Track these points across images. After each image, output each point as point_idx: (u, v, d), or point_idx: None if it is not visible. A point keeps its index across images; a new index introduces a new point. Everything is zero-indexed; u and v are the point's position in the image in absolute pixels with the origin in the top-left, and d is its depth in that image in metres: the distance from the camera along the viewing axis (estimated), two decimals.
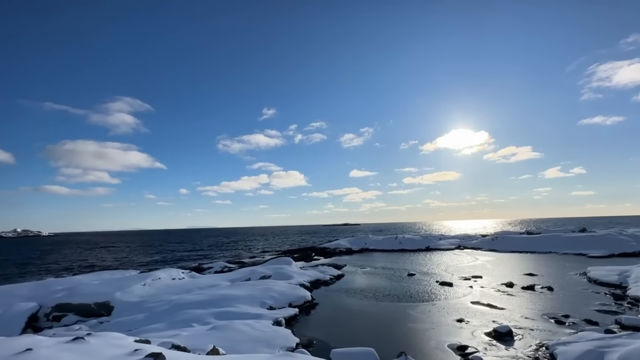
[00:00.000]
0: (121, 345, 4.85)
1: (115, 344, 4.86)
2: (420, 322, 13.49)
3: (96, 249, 75.09)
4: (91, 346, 4.54)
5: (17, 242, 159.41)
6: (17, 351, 3.96)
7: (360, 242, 51.22)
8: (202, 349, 8.98)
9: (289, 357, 5.84)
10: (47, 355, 3.92)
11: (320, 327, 13.59)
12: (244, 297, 16.22)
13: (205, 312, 14.34)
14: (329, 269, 27.12)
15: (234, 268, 29.48)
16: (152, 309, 15.65)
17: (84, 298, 16.94)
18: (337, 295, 19.47)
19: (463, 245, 47.82)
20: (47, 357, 3.86)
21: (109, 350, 4.42)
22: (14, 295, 18.18)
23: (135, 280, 19.74)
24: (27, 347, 4.06)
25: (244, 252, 54.09)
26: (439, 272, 26.45)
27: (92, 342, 4.75)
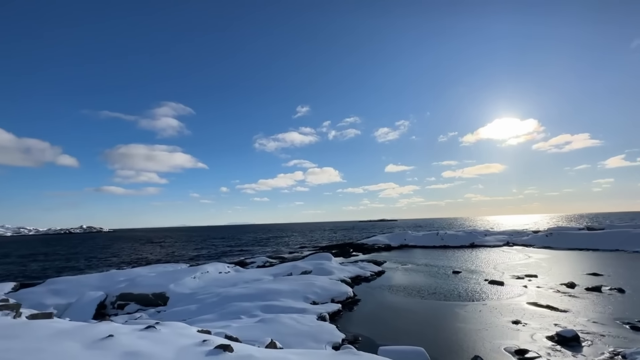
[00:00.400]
0: (187, 334, 5.16)
1: (182, 334, 5.18)
2: (471, 322, 12.80)
3: (149, 244, 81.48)
4: (162, 335, 4.88)
5: (83, 237, 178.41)
6: (101, 337, 4.36)
7: (399, 238, 50.01)
8: (251, 341, 9.28)
9: (352, 354, 5.77)
10: (126, 341, 4.28)
11: (364, 323, 13.45)
12: (287, 291, 16.56)
13: (252, 305, 14.85)
14: (369, 265, 26.80)
15: (275, 263, 30.27)
16: (202, 300, 16.57)
17: (143, 289, 18.40)
18: (379, 292, 19.15)
19: (512, 242, 44.65)
20: (127, 343, 4.21)
21: (180, 339, 4.71)
22: (85, 285, 20.26)
23: (186, 273, 21.03)
24: (109, 334, 4.47)
25: (282, 248, 55.43)
26: (487, 270, 24.95)
27: (162, 331, 5.11)
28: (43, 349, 3.66)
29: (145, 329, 5.12)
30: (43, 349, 3.66)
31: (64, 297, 18.15)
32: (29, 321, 5.12)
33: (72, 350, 3.78)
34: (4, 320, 5.14)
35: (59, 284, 20.27)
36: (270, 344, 7.28)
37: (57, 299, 17.83)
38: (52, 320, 5.58)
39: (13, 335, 4.19)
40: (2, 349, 3.60)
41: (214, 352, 4.44)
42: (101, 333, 4.56)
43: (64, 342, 4.04)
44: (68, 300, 17.82)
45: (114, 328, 5.03)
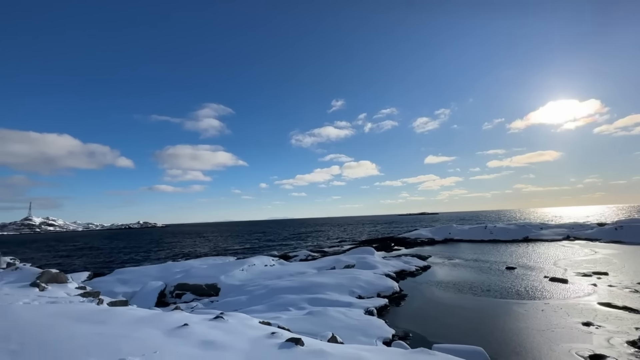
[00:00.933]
0: (252, 325, 5.37)
1: (248, 324, 5.39)
2: (533, 322, 11.84)
3: (197, 238, 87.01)
4: (231, 325, 5.13)
5: (141, 232, 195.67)
6: (177, 325, 4.69)
7: (443, 231, 47.93)
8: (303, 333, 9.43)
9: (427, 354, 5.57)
10: (200, 330, 4.54)
11: (413, 319, 13.07)
12: (332, 285, 16.63)
13: (298, 297, 15.13)
14: (414, 260, 26.01)
15: (317, 256, 30.63)
16: (251, 292, 17.24)
17: (197, 280, 19.63)
18: (427, 287, 18.50)
19: (573, 236, 40.62)
20: (201, 332, 4.47)
21: (248, 330, 4.91)
22: (146, 275, 22.12)
23: (234, 265, 22.05)
24: (184, 322, 4.79)
25: (322, 242, 55.95)
26: (546, 267, 22.96)
27: (230, 322, 5.37)
28: (129, 335, 4.01)
29: (214, 319, 5.41)
30: (129, 335, 4.01)
31: (129, 286, 19.96)
32: (111, 308, 5.68)
33: (154, 337, 4.09)
34: (90, 306, 5.76)
35: (125, 274, 22.36)
36: (331, 339, 7.31)
37: (124, 288, 19.68)
38: (129, 308, 6.13)
39: (101, 320, 4.66)
40: (96, 333, 4.01)
41: (286, 345, 4.53)
42: (176, 321, 4.89)
43: (145, 328, 4.39)
44: (133, 289, 19.57)
45: (187, 317, 5.37)
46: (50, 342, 3.60)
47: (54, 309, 5.06)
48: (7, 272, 8.03)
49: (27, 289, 7.07)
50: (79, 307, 5.34)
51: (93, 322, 4.44)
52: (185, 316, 5.39)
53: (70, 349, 3.49)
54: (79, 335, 3.84)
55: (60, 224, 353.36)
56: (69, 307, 5.35)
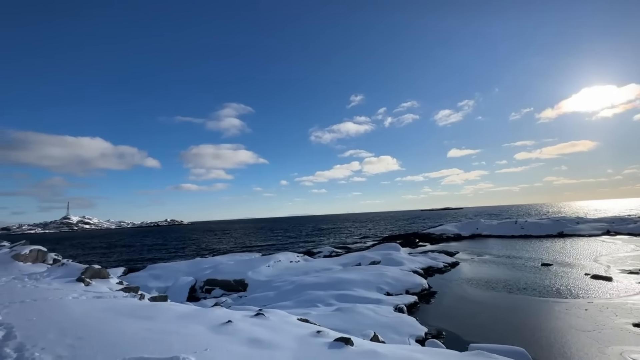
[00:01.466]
0: (292, 323, 5.36)
1: (289, 322, 5.40)
2: (577, 322, 11.15)
3: (223, 235, 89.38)
4: (273, 322, 5.14)
5: (168, 229, 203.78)
6: (220, 322, 4.75)
7: (470, 227, 46.39)
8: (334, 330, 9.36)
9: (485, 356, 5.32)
10: (245, 327, 4.57)
11: (444, 317, 12.68)
12: (359, 281, 16.47)
13: (326, 293, 15.09)
14: (441, 256, 25.32)
15: (341, 253, 30.53)
16: (278, 287, 17.40)
17: (225, 275, 20.07)
18: (457, 284, 17.94)
19: (614, 231, 38.03)
20: (246, 329, 4.49)
21: (291, 328, 4.90)
22: (177, 270, 22.91)
23: (261, 262, 22.38)
24: (227, 319, 4.83)
25: (344, 238, 55.81)
26: (586, 263, 21.63)
27: (271, 319, 5.40)
28: (177, 331, 4.09)
29: (255, 316, 5.44)
30: (177, 331, 4.09)
31: (162, 281, 20.75)
32: (154, 303, 5.87)
33: (202, 333, 4.14)
34: (134, 301, 5.98)
35: (157, 270, 23.27)
36: (373, 337, 7.19)
37: (157, 283, 20.47)
38: (170, 304, 6.30)
39: (148, 316, 4.80)
40: (145, 328, 4.12)
41: (335, 345, 4.45)
42: (219, 318, 4.95)
43: (191, 325, 4.47)
44: (165, 284, 20.32)
45: (228, 314, 5.44)
46: (104, 337, 3.72)
47: (102, 304, 5.28)
48: (55, 268, 8.54)
49: (73, 284, 7.48)
50: (124, 302, 5.54)
51: (140, 318, 4.58)
52: (226, 313, 5.44)
53: (123, 344, 3.59)
54: (130, 331, 3.95)
55: (95, 222, 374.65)
56: (115, 301, 5.57)
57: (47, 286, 6.86)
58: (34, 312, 4.74)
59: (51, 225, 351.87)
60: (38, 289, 6.41)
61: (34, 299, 5.63)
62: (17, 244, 12.03)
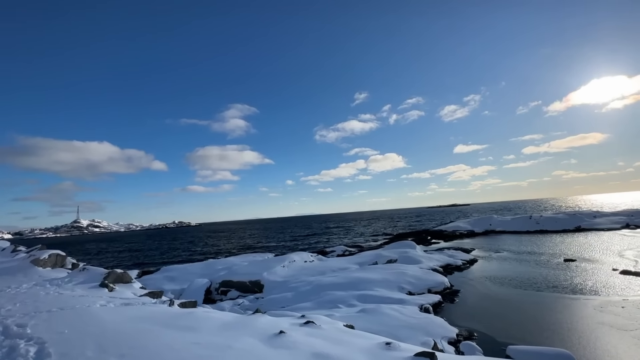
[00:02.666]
0: (344, 331, 4.98)
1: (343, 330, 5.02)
2: (615, 321, 10.60)
3: (231, 235, 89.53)
4: (328, 332, 4.77)
5: (176, 230, 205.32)
6: (272, 332, 4.36)
7: (483, 223, 45.57)
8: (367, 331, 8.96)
9: None
10: (300, 339, 4.20)
11: (473, 317, 12.20)
12: (379, 280, 16.05)
13: (346, 294, 14.71)
14: (458, 253, 24.77)
15: (354, 252, 30.11)
16: (296, 288, 17.06)
17: (240, 277, 19.81)
18: (479, 282, 17.41)
19: (634, 224, 36.95)
20: (303, 341, 4.12)
21: (352, 338, 4.52)
22: (191, 272, 22.74)
23: (275, 262, 22.08)
24: (279, 330, 4.45)
25: (354, 237, 55.31)
26: (610, 258, 20.90)
27: (324, 327, 5.02)
28: (230, 345, 3.71)
29: (305, 325, 5.07)
30: (230, 345, 3.71)
31: (177, 283, 20.58)
32: (191, 311, 5.52)
33: (258, 348, 3.76)
34: (167, 309, 5.65)
35: (172, 272, 23.13)
36: (434, 347, 6.79)
37: (172, 285, 20.30)
38: (205, 310, 5.96)
39: (189, 326, 4.44)
40: (192, 342, 3.76)
41: None
42: (267, 327, 4.58)
43: (241, 337, 4.10)
44: (180, 286, 20.14)
45: (274, 322, 5.06)
46: (151, 353, 3.36)
47: (133, 312, 4.96)
48: (76, 273, 8.29)
49: (97, 290, 7.20)
50: (156, 310, 5.21)
51: (182, 329, 4.23)
52: (272, 321, 5.06)
53: None
54: (178, 345, 3.58)
55: (104, 225, 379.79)
56: (146, 309, 5.24)
57: (71, 293, 6.58)
58: (64, 324, 4.40)
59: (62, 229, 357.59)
60: (62, 296, 6.13)
61: (61, 308, 5.32)
62: (34, 249, 11.87)
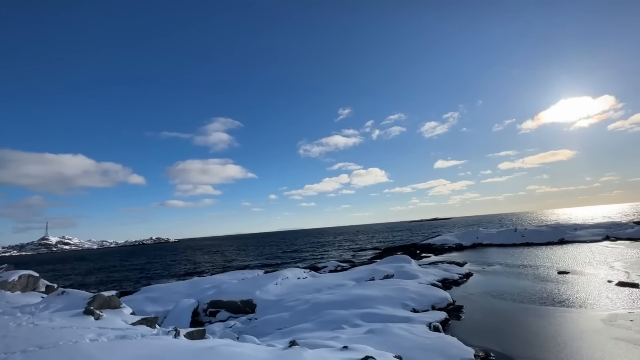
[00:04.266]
0: None
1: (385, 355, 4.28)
2: (631, 336, 10.32)
3: (215, 251, 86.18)
4: None
5: (155, 247, 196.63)
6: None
7: (470, 236, 45.97)
8: None
9: None
10: None
11: (484, 335, 11.65)
12: (381, 297, 15.32)
13: (348, 313, 13.87)
14: (453, 267, 24.47)
15: (347, 267, 29.26)
16: (292, 308, 16.02)
17: (230, 296, 18.50)
18: (480, 297, 17.00)
19: (613, 236, 38.27)
20: None
21: None
22: (176, 292, 21.13)
23: (267, 279, 20.90)
24: None
25: (342, 251, 54.37)
26: (602, 270, 21.16)
27: None
28: None
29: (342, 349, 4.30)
30: None
31: (160, 305, 18.97)
32: (211, 346, 4.53)
33: None
34: (170, 341, 4.68)
35: (154, 292, 21.40)
36: None
37: (155, 307, 18.69)
38: (228, 344, 5.02)
39: None
40: None
41: None
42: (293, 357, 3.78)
43: None
44: (165, 307, 18.57)
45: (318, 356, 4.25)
46: None
47: (136, 350, 4.00)
48: (54, 298, 7.05)
49: (81, 318, 6.03)
50: (164, 345, 4.27)
51: None
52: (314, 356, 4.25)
53: None
54: None
55: (75, 243, 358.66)
56: (151, 344, 4.28)
57: (50, 323, 5.44)
58: None
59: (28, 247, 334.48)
60: (39, 329, 5.01)
61: (40, 346, 4.15)
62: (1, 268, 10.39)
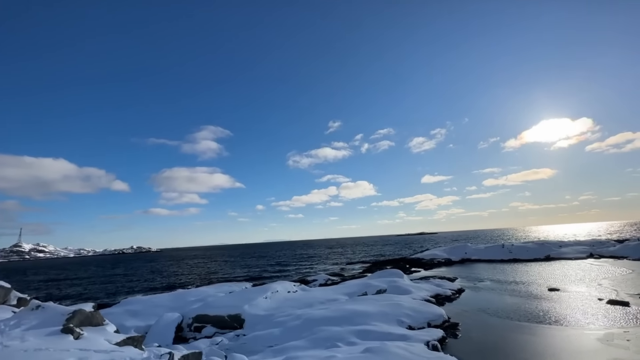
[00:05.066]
0: None
1: None
2: (631, 357, 10.19)
3: (199, 262, 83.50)
4: None
5: (135, 257, 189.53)
6: None
7: (459, 251, 46.15)
8: None
9: None
10: None
11: (484, 355, 11.31)
12: (375, 313, 14.83)
13: (343, 329, 13.31)
14: (444, 282, 24.24)
15: (337, 280, 28.62)
16: (283, 323, 15.31)
17: (217, 310, 17.61)
18: (474, 313, 16.73)
19: (597, 253, 39.12)
20: None
21: None
22: (158, 305, 20.00)
23: (256, 293, 20.09)
24: None
25: (331, 265, 53.53)
26: (591, 287, 21.33)
27: None
28: None
29: None
30: None
31: (141, 319, 17.86)
32: None
33: None
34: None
35: (134, 305, 20.20)
36: None
37: (135, 321, 17.57)
38: None
39: None
40: None
41: None
42: None
43: None
44: (146, 322, 17.48)
45: None
46: None
47: None
48: (27, 313, 6.22)
49: (59, 338, 5.27)
50: None
51: None
52: None
53: None
54: None
55: (50, 250, 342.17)
56: None
57: (21, 344, 4.73)
58: None
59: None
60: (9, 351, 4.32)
61: None
62: None
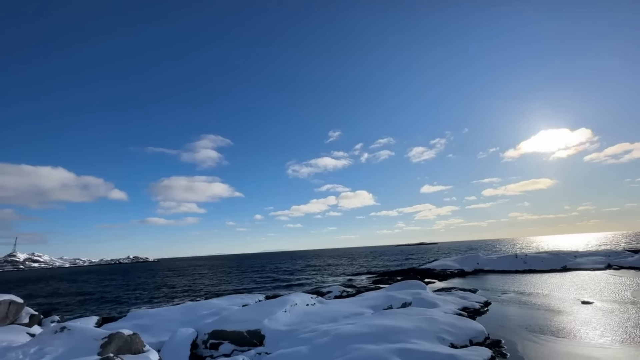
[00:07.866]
0: None
1: None
2: None
3: (200, 272, 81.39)
4: None
5: (132, 267, 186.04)
6: None
7: (471, 261, 44.87)
8: None
9: None
10: None
11: None
12: (412, 329, 13.63)
13: (380, 348, 12.10)
14: (469, 295, 23.02)
15: (352, 292, 27.29)
16: (310, 340, 14.05)
17: (234, 325, 16.33)
18: (512, 330, 15.53)
19: (616, 264, 37.95)
20: None
21: None
22: (168, 319, 18.71)
23: (274, 306, 18.81)
24: None
25: (336, 276, 51.99)
26: (626, 300, 20.19)
27: None
28: None
29: None
30: None
31: (152, 335, 16.56)
32: None
33: None
34: None
35: (143, 319, 18.89)
36: None
37: (146, 337, 16.12)
38: None
39: None
40: None
41: None
42: None
43: None
44: (158, 338, 16.19)
45: None
46: None
47: None
48: (49, 337, 5.02)
49: None
50: None
51: None
52: None
53: None
54: None
55: (46, 260, 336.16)
56: None
57: None
58: None
59: None
60: None
61: None
62: None
